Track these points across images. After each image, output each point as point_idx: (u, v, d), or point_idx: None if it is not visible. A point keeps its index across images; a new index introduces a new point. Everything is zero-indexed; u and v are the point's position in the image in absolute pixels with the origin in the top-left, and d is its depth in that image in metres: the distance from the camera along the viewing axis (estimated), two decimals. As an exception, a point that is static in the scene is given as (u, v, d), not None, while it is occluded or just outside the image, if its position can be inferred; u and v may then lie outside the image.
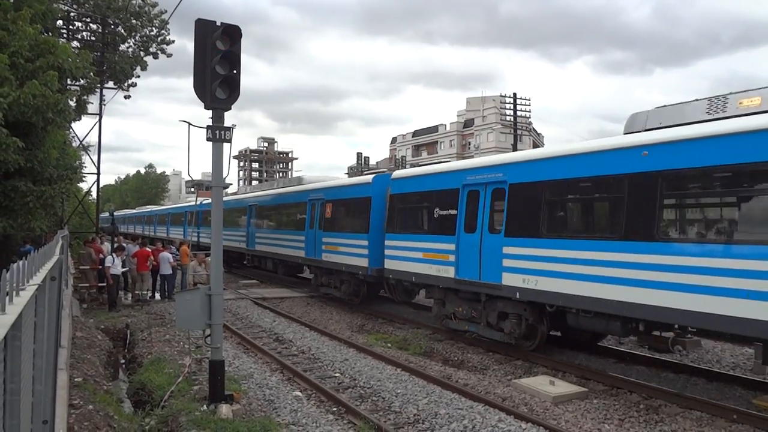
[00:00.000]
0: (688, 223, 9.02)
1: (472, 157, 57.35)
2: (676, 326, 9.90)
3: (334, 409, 9.25)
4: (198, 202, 28.65)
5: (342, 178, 25.22)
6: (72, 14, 26.12)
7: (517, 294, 11.25)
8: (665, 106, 9.80)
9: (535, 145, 65.22)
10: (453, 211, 13.27)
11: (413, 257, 14.65)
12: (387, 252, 15.82)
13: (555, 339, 13.72)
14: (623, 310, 9.31)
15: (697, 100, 9.39)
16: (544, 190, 11.00)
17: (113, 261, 18.95)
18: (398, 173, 16.81)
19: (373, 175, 17.69)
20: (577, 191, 10.77)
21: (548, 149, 12.90)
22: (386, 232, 15.94)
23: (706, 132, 8.46)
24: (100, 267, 20.02)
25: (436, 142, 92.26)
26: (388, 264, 15.77)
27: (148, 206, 65.98)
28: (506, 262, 11.53)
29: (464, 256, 12.82)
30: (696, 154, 8.46)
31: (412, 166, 48.79)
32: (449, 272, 13.22)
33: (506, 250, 11.60)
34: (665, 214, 9.05)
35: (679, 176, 8.83)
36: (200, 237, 31.28)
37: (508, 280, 11.44)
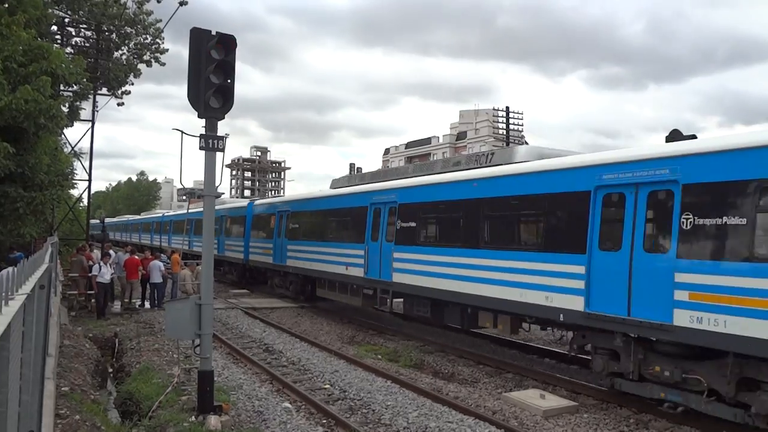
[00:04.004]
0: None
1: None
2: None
3: (324, 421, 9.20)
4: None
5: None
6: (66, 20, 26.07)
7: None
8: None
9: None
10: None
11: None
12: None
13: (546, 353, 13.73)
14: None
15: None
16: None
17: (99, 269, 18.79)
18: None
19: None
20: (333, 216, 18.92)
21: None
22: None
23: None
24: (89, 275, 19.84)
25: (429, 154, 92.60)
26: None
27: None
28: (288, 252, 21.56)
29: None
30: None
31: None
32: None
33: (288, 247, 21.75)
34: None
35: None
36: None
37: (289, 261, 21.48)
